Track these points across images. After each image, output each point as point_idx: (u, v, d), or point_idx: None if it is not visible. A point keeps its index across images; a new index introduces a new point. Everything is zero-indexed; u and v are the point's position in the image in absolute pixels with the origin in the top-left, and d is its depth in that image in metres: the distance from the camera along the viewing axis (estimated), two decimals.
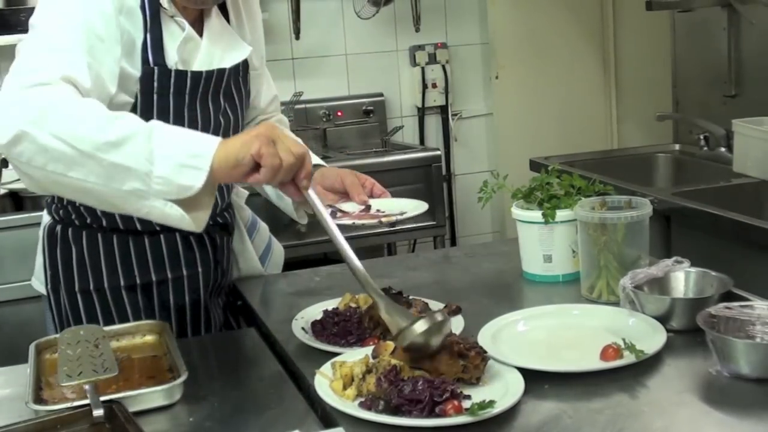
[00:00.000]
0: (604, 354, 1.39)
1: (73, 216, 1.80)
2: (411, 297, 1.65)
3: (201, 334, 1.87)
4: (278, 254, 2.15)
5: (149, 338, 1.62)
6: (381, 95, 4.14)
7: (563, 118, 4.26)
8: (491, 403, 1.23)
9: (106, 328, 1.56)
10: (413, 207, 1.73)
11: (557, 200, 1.81)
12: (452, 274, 1.99)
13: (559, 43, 4.23)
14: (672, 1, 3.26)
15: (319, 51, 4.07)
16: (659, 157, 3.44)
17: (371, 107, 4.08)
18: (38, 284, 1.92)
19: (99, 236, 1.79)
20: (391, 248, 3.96)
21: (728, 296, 1.53)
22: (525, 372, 1.34)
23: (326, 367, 1.40)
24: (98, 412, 1.27)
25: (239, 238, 2.01)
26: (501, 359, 1.38)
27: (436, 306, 1.63)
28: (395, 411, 1.25)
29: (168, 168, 1.34)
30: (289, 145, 1.36)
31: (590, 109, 4.31)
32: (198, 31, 1.73)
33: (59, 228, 1.81)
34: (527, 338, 1.53)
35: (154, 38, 1.65)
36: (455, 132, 4.28)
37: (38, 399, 1.37)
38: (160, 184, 1.34)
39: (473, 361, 1.32)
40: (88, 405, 1.28)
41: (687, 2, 3.26)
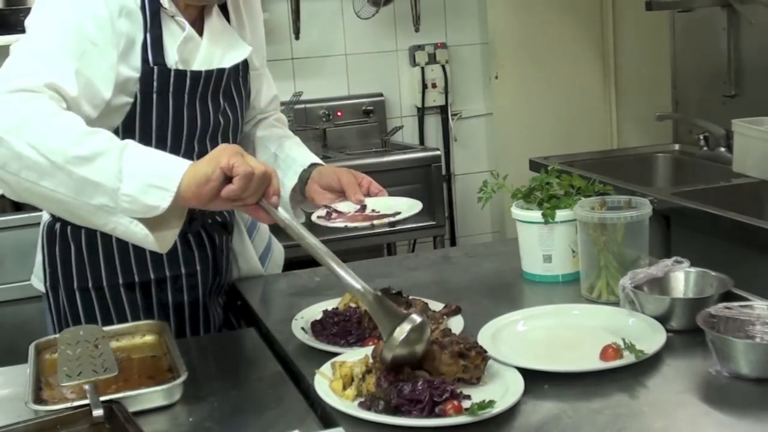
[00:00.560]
0: (604, 354, 1.39)
1: None
2: (411, 297, 1.65)
3: (200, 334, 1.87)
4: (278, 254, 2.15)
5: (149, 338, 1.62)
6: (381, 95, 4.13)
7: (563, 118, 4.25)
8: (491, 403, 1.23)
9: (106, 328, 1.56)
10: (407, 207, 1.73)
11: (557, 200, 1.81)
12: (452, 274, 1.99)
13: (559, 43, 4.23)
14: (671, 1, 3.26)
15: (319, 51, 4.07)
16: (659, 157, 3.44)
17: (371, 107, 4.08)
18: (37, 282, 1.92)
19: (98, 234, 1.78)
20: (391, 248, 3.96)
21: (728, 296, 1.53)
22: (525, 372, 1.34)
23: (326, 367, 1.40)
24: (98, 412, 1.27)
25: (239, 238, 2.01)
26: (501, 359, 1.38)
27: (436, 306, 1.64)
28: (395, 411, 1.25)
29: (135, 187, 1.36)
30: (255, 161, 1.38)
31: (590, 109, 4.31)
32: (198, 31, 1.73)
33: (58, 226, 1.81)
34: (527, 338, 1.53)
35: (154, 38, 1.65)
36: (455, 132, 4.28)
37: (38, 399, 1.37)
38: (127, 202, 1.36)
39: (473, 361, 1.32)
40: (88, 405, 1.28)
41: (687, 2, 3.26)
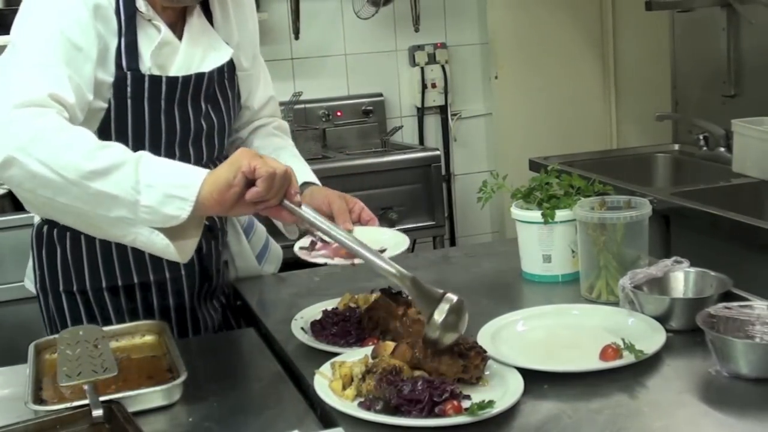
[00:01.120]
0: (604, 354, 1.39)
1: None
2: (410, 297, 1.65)
3: (188, 337, 1.85)
4: (276, 254, 2.13)
5: (148, 338, 1.62)
6: (380, 95, 4.13)
7: (563, 118, 4.25)
8: (491, 403, 1.23)
9: (106, 329, 1.56)
10: (394, 244, 1.70)
11: (556, 200, 1.81)
12: (452, 274, 1.99)
13: (559, 43, 4.23)
14: (671, 1, 3.26)
15: (319, 51, 4.07)
16: (658, 157, 3.44)
17: (371, 107, 4.08)
18: (29, 284, 1.92)
19: (82, 237, 1.76)
20: None
21: (727, 296, 1.53)
22: (524, 372, 1.34)
23: (326, 367, 1.40)
24: (97, 413, 1.27)
25: (236, 239, 2.00)
26: (500, 359, 1.38)
27: None
28: (395, 411, 1.25)
29: (154, 198, 1.35)
30: (274, 161, 1.37)
31: (590, 109, 4.30)
32: (179, 35, 1.70)
33: (46, 228, 1.80)
34: (527, 338, 1.53)
35: (128, 42, 1.62)
36: (455, 132, 4.28)
37: (38, 399, 1.37)
38: (147, 213, 1.36)
39: (473, 361, 1.32)
40: (88, 405, 1.28)
41: (686, 2, 3.26)
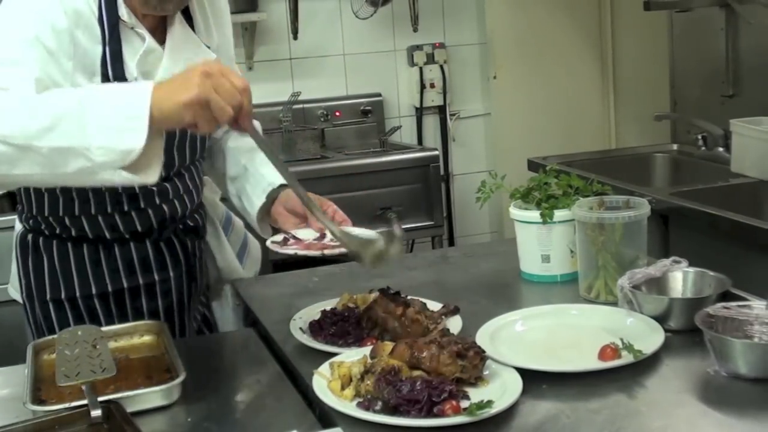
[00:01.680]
0: (602, 354, 1.39)
1: (43, 226, 1.78)
2: (409, 297, 1.65)
3: (178, 338, 1.84)
4: (255, 250, 2.11)
5: (147, 338, 1.61)
6: (379, 95, 4.13)
7: (561, 118, 4.26)
8: (489, 403, 1.23)
9: (104, 329, 1.56)
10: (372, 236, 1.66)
11: (555, 200, 1.81)
12: (450, 274, 1.99)
13: (557, 43, 4.23)
14: (670, 1, 3.26)
15: (317, 51, 4.07)
16: (657, 157, 3.44)
17: (369, 107, 4.08)
18: (14, 292, 1.89)
19: (69, 246, 1.77)
20: None
21: (726, 296, 1.53)
22: (523, 372, 1.34)
23: (324, 367, 1.40)
24: (96, 413, 1.27)
25: (215, 236, 1.97)
26: (499, 359, 1.38)
27: (435, 306, 1.64)
28: (393, 411, 1.25)
29: (105, 137, 1.31)
30: (229, 88, 1.32)
31: (588, 109, 4.31)
32: (161, 39, 1.69)
33: (30, 237, 1.79)
34: (525, 338, 1.53)
35: (113, 51, 1.61)
36: (453, 132, 4.28)
37: (36, 399, 1.37)
38: (102, 155, 1.32)
39: (472, 361, 1.32)
40: (86, 405, 1.28)
41: (685, 2, 3.26)
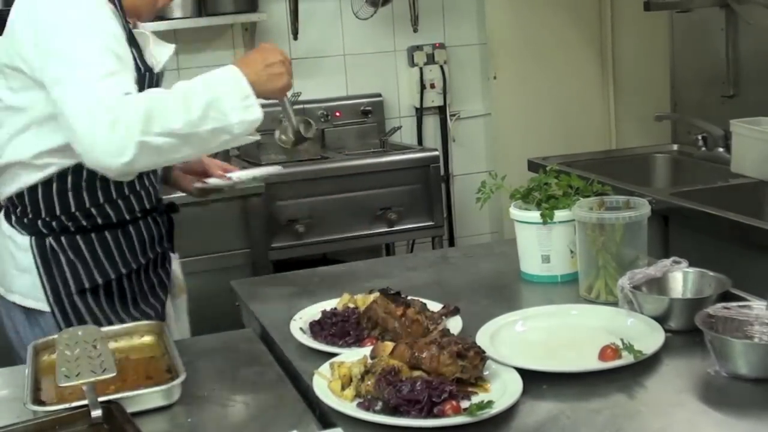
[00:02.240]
0: (603, 354, 1.39)
1: (70, 223, 1.81)
2: (409, 297, 1.65)
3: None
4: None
5: (147, 339, 1.62)
6: (379, 96, 4.13)
7: (561, 119, 4.25)
8: (489, 404, 1.23)
9: (104, 329, 1.57)
10: (265, 170, 2.22)
11: (555, 200, 1.81)
12: (450, 275, 1.99)
13: (558, 44, 4.23)
14: (670, 2, 3.26)
15: (318, 51, 4.06)
16: (657, 158, 3.44)
17: (369, 108, 4.07)
18: (20, 298, 1.85)
19: (93, 236, 1.83)
20: (390, 248, 3.96)
21: (726, 296, 1.53)
22: (523, 372, 1.34)
23: (324, 368, 1.40)
24: (96, 413, 1.27)
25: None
26: (499, 359, 1.38)
27: (435, 306, 1.64)
28: (393, 411, 1.25)
29: (238, 115, 1.67)
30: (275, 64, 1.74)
31: (588, 110, 4.31)
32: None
33: (51, 239, 1.80)
34: (525, 338, 1.53)
35: (135, 46, 1.81)
36: (453, 132, 4.28)
37: (36, 400, 1.37)
38: (239, 128, 1.68)
39: (472, 361, 1.32)
40: (87, 406, 1.28)
41: (685, 3, 3.26)
